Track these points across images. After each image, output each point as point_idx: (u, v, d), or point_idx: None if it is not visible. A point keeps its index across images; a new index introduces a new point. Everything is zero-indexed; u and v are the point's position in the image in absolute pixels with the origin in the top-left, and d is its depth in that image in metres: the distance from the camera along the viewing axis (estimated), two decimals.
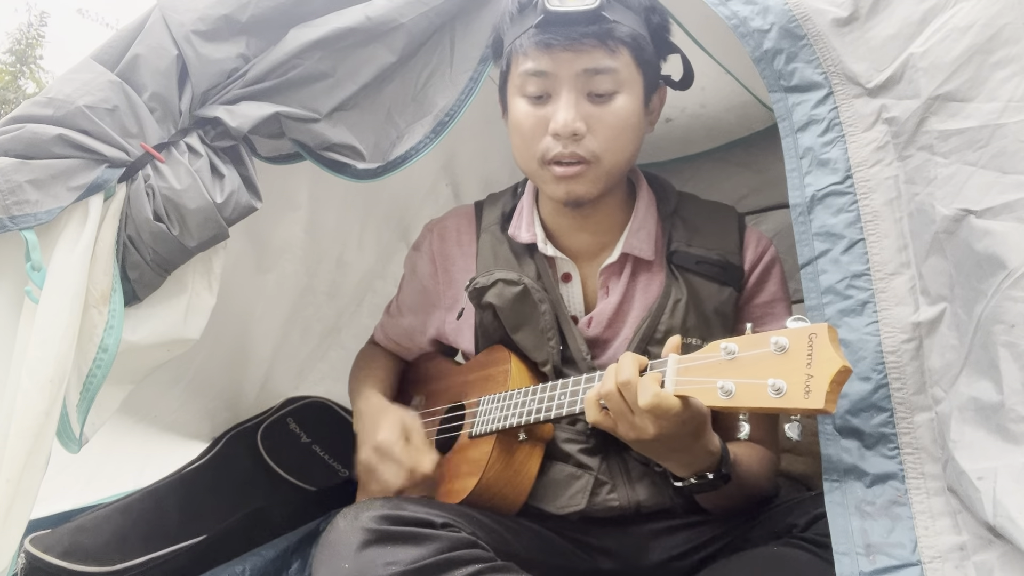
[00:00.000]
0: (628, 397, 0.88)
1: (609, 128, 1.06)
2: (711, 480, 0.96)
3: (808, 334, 0.76)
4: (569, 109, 1.04)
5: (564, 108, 1.04)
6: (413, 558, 0.87)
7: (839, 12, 0.94)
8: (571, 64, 1.03)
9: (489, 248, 1.24)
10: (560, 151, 1.06)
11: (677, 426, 0.87)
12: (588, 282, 1.20)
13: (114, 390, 1.03)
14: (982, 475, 0.71)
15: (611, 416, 0.92)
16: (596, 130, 1.06)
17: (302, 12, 1.09)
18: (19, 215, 0.91)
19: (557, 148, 1.06)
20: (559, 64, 1.04)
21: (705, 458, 0.95)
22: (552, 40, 1.03)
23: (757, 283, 1.16)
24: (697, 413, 0.88)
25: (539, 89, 1.07)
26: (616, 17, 1.03)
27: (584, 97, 1.05)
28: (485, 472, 1.07)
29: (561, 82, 1.05)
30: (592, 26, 1.02)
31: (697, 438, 0.92)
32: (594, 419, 0.93)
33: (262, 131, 1.07)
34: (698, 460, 0.95)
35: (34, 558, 1.22)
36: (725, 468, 0.96)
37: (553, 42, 1.03)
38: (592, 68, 1.03)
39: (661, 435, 0.88)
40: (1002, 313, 0.72)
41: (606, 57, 1.03)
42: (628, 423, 0.90)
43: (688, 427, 0.89)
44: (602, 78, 1.04)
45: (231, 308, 1.39)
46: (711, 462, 0.96)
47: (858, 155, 0.90)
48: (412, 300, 1.37)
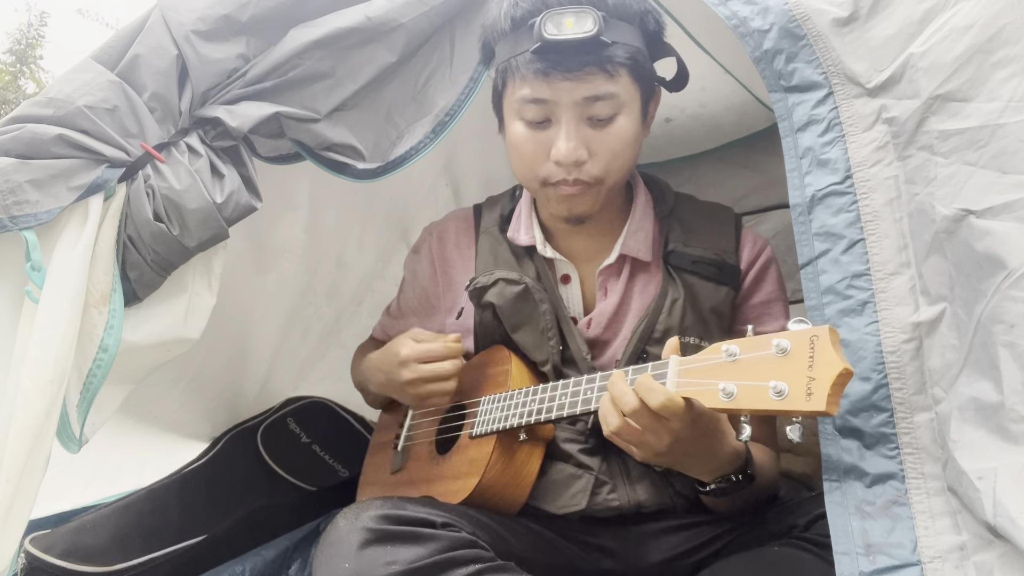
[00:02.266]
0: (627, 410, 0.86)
1: (610, 151, 1.05)
2: (736, 482, 0.95)
3: (810, 336, 0.76)
4: (571, 138, 1.02)
5: (565, 137, 1.02)
6: (413, 558, 0.87)
7: (839, 12, 0.93)
8: (571, 92, 1.01)
9: (488, 249, 1.24)
10: (563, 177, 1.06)
11: (688, 427, 0.86)
12: (587, 283, 1.20)
13: (114, 390, 1.03)
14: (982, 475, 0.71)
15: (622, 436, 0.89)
16: (597, 153, 1.05)
17: (302, 12, 1.09)
18: (19, 215, 0.91)
19: (560, 175, 1.06)
20: (558, 92, 1.02)
21: (727, 460, 0.94)
22: (551, 69, 1.00)
23: (754, 283, 1.17)
24: (704, 411, 0.87)
25: (538, 116, 1.05)
26: (614, 37, 1.00)
27: (584, 122, 1.04)
28: (485, 472, 1.07)
29: (561, 109, 1.03)
30: (591, 54, 0.99)
31: (713, 439, 0.91)
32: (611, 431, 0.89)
33: (262, 131, 1.07)
34: (720, 462, 0.94)
35: (34, 558, 1.22)
36: (751, 469, 0.96)
37: (552, 71, 1.00)
38: (592, 96, 1.01)
39: (675, 440, 0.87)
40: (1002, 313, 0.72)
41: (606, 83, 1.01)
42: (640, 436, 0.87)
43: (699, 428, 0.87)
44: (602, 104, 1.02)
45: (231, 308, 1.39)
46: (737, 464, 0.95)
47: (858, 155, 0.90)
48: (412, 303, 1.37)
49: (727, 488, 0.96)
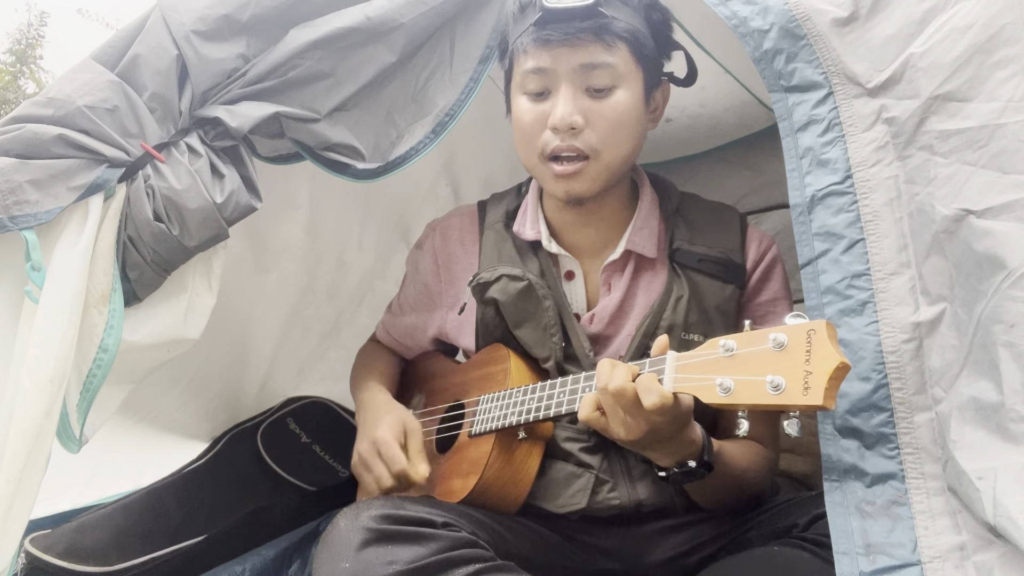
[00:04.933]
0: (624, 404, 0.88)
1: (607, 122, 1.07)
2: (693, 469, 0.96)
3: (807, 331, 0.76)
4: (567, 103, 1.06)
5: (562, 102, 1.06)
6: (413, 557, 0.87)
7: (839, 12, 0.94)
8: (568, 59, 1.05)
9: (493, 244, 1.24)
10: (559, 144, 1.07)
11: (668, 423, 0.88)
12: (591, 279, 1.20)
13: (114, 390, 1.03)
14: (982, 475, 0.71)
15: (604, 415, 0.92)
16: (595, 124, 1.07)
17: (302, 12, 1.09)
18: (19, 215, 0.91)
19: (556, 142, 1.07)
20: (557, 59, 1.06)
21: (687, 447, 0.95)
22: (550, 36, 1.05)
23: (759, 281, 1.17)
24: (687, 408, 0.89)
25: (539, 86, 1.08)
26: (613, 13, 1.04)
27: (583, 92, 1.07)
28: (485, 471, 1.07)
29: (559, 77, 1.06)
30: (588, 21, 1.04)
31: (681, 429, 0.92)
32: (585, 416, 0.93)
33: (262, 131, 1.07)
34: (681, 449, 0.95)
35: (34, 558, 1.22)
36: (708, 456, 0.96)
37: (551, 38, 1.05)
38: (589, 63, 1.05)
39: (651, 431, 0.89)
40: (1002, 313, 0.72)
41: (603, 52, 1.05)
42: (619, 421, 0.90)
43: (678, 422, 0.90)
44: (600, 73, 1.05)
45: (231, 308, 1.39)
46: (692, 451, 0.96)
47: (858, 155, 0.90)
48: (414, 299, 1.37)
49: (686, 474, 0.97)
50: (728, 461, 1.02)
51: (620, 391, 0.88)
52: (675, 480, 0.99)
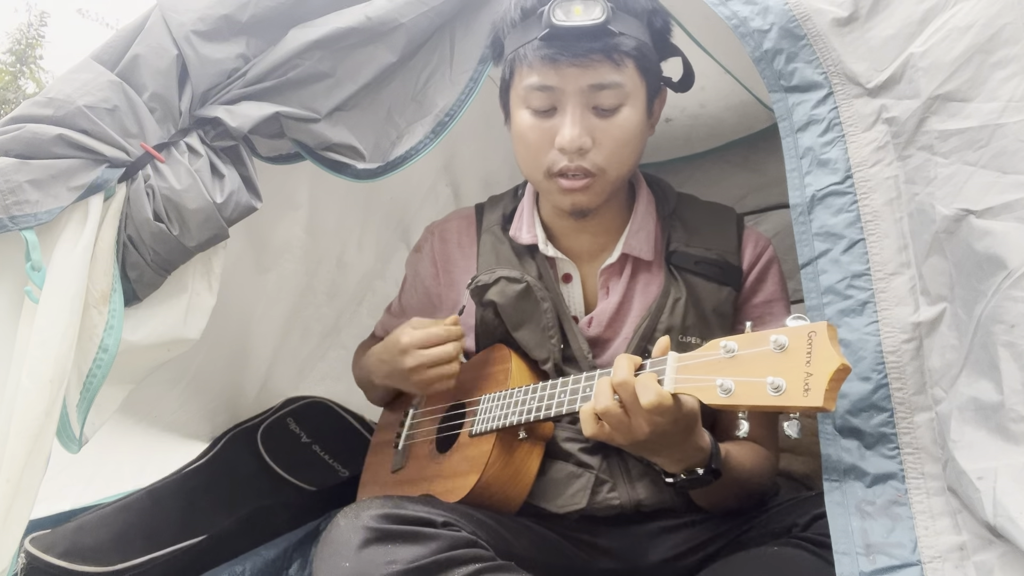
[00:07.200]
0: (625, 398, 0.88)
1: (614, 141, 1.06)
2: (701, 476, 0.96)
3: (807, 332, 0.76)
4: (575, 125, 1.04)
5: (570, 124, 1.04)
6: (413, 557, 0.87)
7: (839, 12, 0.94)
8: (577, 79, 1.03)
9: (490, 248, 1.24)
10: (566, 165, 1.06)
11: (670, 424, 0.87)
12: (588, 282, 1.20)
13: (114, 390, 1.03)
14: (982, 475, 0.71)
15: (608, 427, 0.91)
16: (601, 143, 1.05)
17: (302, 12, 1.09)
18: (19, 215, 0.91)
19: (563, 162, 1.06)
20: (565, 79, 1.03)
21: (695, 454, 0.94)
22: (558, 55, 1.02)
23: (755, 283, 1.17)
24: (690, 411, 0.88)
25: (544, 104, 1.06)
26: (621, 28, 1.02)
27: (589, 111, 1.05)
28: (485, 471, 1.07)
29: (567, 97, 1.04)
30: (598, 41, 1.01)
31: (688, 435, 0.92)
32: (591, 432, 0.92)
33: (262, 131, 1.07)
34: (688, 456, 0.94)
35: (34, 558, 1.22)
36: (715, 464, 0.96)
37: (559, 57, 1.02)
38: (598, 83, 1.03)
39: (654, 433, 0.88)
40: (1002, 313, 0.72)
41: (612, 72, 1.03)
42: (625, 428, 0.89)
43: (680, 425, 0.88)
44: (608, 93, 1.03)
45: (231, 308, 1.39)
46: (701, 458, 0.95)
47: (858, 155, 0.90)
48: (414, 302, 1.37)
49: (693, 481, 0.96)
50: (734, 466, 1.02)
51: (622, 383, 0.87)
52: (682, 487, 0.98)
